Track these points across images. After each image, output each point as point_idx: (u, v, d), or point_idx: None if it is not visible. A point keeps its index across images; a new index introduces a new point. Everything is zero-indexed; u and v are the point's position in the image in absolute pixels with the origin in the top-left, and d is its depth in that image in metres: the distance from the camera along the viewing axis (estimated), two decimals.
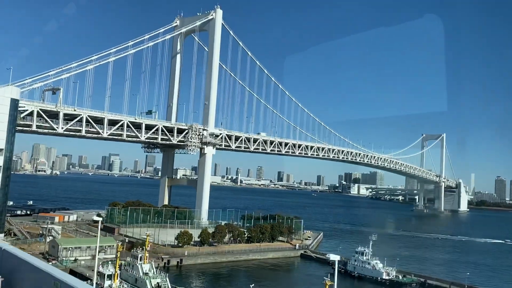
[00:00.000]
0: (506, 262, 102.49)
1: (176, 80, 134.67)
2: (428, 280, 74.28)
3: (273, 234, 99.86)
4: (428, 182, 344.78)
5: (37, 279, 11.40)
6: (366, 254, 77.95)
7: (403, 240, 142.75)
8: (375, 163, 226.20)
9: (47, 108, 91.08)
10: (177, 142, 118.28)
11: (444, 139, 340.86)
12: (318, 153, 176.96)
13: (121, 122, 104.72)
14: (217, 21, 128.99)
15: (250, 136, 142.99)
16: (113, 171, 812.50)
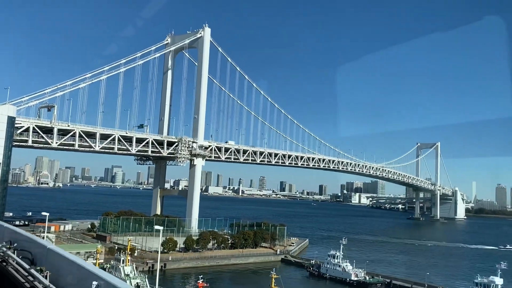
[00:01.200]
0: (478, 265, 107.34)
1: (167, 94, 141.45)
2: (394, 281, 79.77)
3: (256, 241, 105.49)
4: (424, 191, 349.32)
5: (79, 276, 12.55)
6: (337, 257, 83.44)
7: (388, 246, 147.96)
8: (366, 172, 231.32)
9: (42, 124, 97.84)
10: (167, 154, 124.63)
11: (439, 148, 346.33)
12: (308, 163, 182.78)
13: (112, 136, 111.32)
14: (206, 38, 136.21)
15: (240, 148, 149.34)
16: (115, 183, 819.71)
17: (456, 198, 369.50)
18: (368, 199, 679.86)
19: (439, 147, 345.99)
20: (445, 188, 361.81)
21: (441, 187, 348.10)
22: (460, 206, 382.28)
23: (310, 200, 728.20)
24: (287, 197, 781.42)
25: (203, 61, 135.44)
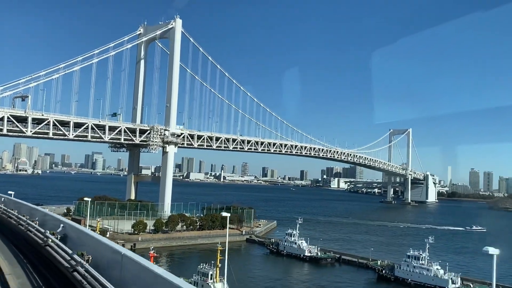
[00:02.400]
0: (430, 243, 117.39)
1: (140, 84, 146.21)
2: (343, 256, 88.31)
3: (223, 223, 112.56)
4: (396, 175, 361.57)
5: (113, 259, 13.18)
6: (294, 236, 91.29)
7: (353, 227, 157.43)
8: (338, 157, 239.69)
9: (16, 114, 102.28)
10: (140, 142, 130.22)
11: (410, 134, 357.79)
12: (281, 149, 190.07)
13: (86, 125, 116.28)
14: (177, 29, 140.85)
15: (212, 135, 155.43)
16: (96, 169, 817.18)
17: (427, 183, 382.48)
18: (346, 183, 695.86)
19: (410, 133, 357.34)
20: (417, 172, 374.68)
21: (412, 171, 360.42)
22: (431, 190, 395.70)
23: (290, 185, 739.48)
24: (268, 183, 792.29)
25: (174, 51, 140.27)
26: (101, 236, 16.66)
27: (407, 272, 70.93)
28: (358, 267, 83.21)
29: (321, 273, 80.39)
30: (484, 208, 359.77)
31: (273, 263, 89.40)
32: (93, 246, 15.99)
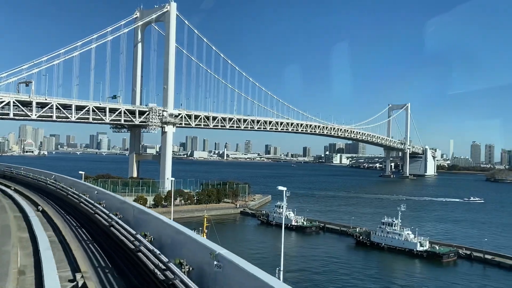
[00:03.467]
0: (418, 213, 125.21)
1: (138, 66, 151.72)
2: (327, 225, 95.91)
3: (219, 197, 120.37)
4: (395, 150, 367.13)
5: (173, 238, 14.12)
6: (282, 207, 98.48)
7: (342, 199, 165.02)
8: (335, 133, 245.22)
9: (21, 99, 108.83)
10: (140, 123, 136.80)
11: (409, 108, 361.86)
12: (277, 127, 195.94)
13: (87, 107, 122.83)
14: (172, 12, 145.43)
15: (209, 115, 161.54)
16: (101, 149, 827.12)
17: (426, 156, 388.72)
18: (348, 159, 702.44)
19: (409, 107, 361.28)
20: (415, 146, 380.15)
21: (411, 146, 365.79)
22: (430, 164, 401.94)
23: (294, 162, 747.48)
24: (271, 160, 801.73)
25: (170, 35, 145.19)
26: (163, 216, 17.70)
27: (381, 237, 78.17)
28: (340, 234, 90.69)
29: (306, 240, 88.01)
30: (481, 180, 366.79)
31: (263, 231, 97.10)
32: (155, 226, 17.27)
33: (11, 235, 19.62)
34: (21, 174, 60.21)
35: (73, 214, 28.80)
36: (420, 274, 65.93)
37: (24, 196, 37.10)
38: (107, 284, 13.87)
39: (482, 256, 70.05)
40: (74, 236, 21.68)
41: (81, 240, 20.60)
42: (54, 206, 32.61)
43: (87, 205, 26.54)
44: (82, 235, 22.33)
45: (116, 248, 17.75)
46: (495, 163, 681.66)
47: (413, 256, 72.45)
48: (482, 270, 67.55)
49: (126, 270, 15.42)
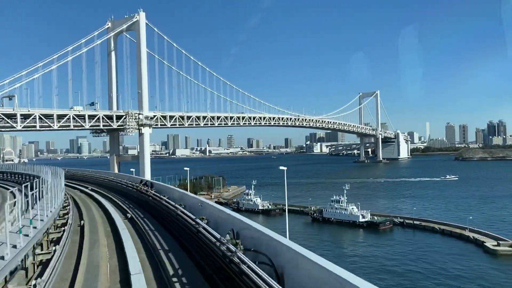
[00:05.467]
0: (382, 193, 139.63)
1: (113, 73, 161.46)
2: (289, 207, 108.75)
3: (195, 190, 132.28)
4: (367, 136, 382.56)
5: (225, 220, 16.42)
6: (250, 195, 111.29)
7: (311, 185, 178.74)
8: (307, 124, 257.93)
9: (6, 112, 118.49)
10: (118, 127, 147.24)
11: (378, 96, 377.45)
12: (250, 122, 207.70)
13: (68, 116, 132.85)
14: (141, 22, 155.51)
15: (183, 114, 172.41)
16: (82, 153, 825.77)
17: (398, 140, 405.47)
18: (328, 147, 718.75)
19: (378, 95, 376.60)
20: (388, 132, 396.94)
21: (382, 131, 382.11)
22: (403, 147, 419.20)
23: (276, 154, 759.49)
24: (253, 153, 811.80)
25: (141, 42, 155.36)
26: (216, 204, 20.01)
27: (331, 213, 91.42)
28: (300, 214, 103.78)
29: (270, 220, 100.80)
30: (451, 160, 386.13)
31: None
32: (211, 212, 19.43)
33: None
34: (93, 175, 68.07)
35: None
36: (361, 240, 79.43)
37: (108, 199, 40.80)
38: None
39: (412, 222, 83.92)
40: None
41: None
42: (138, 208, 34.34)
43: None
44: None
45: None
46: (470, 142, 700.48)
47: (356, 226, 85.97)
48: (411, 233, 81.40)
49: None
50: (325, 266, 9.00)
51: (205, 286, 14.43)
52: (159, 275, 15.84)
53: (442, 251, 67.08)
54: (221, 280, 13.61)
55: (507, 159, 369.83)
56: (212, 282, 14.33)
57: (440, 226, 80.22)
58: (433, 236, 78.50)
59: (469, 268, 58.45)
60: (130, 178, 50.27)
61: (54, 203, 21.99)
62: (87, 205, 37.32)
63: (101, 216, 30.72)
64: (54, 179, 25.45)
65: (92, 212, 32.93)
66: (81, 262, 17.13)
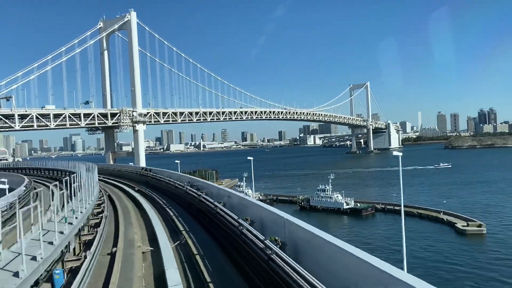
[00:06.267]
0: (371, 182, 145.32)
1: (107, 72, 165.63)
2: (279, 197, 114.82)
3: None
4: (358, 127, 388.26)
5: (256, 211, 17.35)
6: (242, 187, 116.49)
7: (300, 176, 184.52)
8: (298, 117, 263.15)
9: (4, 113, 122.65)
10: (112, 124, 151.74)
11: (369, 87, 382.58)
12: (242, 116, 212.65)
13: (63, 115, 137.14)
14: (133, 21, 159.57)
15: (176, 110, 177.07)
16: (76, 151, 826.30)
17: (389, 131, 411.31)
18: (321, 139, 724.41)
19: (368, 86, 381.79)
20: (378, 122, 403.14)
21: (373, 122, 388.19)
22: (394, 137, 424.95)
23: (270, 147, 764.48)
24: (247, 147, 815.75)
25: (132, 41, 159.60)
26: (260, 202, 19.69)
27: (317, 201, 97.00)
28: (289, 203, 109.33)
29: None
30: (440, 149, 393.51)
31: None
32: (254, 211, 18.99)
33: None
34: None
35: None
36: (345, 225, 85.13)
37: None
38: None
39: (392, 208, 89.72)
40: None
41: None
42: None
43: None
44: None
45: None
46: (461, 130, 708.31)
47: (340, 213, 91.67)
48: (392, 218, 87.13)
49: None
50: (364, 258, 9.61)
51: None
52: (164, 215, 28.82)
53: (418, 232, 72.82)
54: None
55: (495, 147, 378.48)
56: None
57: (418, 210, 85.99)
58: (412, 219, 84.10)
59: (440, 246, 64.30)
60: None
61: (91, 195, 25.01)
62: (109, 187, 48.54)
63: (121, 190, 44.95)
64: (89, 173, 27.86)
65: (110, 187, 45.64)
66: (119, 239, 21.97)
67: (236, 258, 16.69)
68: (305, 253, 13.02)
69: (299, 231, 13.61)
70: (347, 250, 10.13)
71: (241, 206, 21.52)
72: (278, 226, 15.62)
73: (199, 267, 16.72)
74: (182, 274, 15.48)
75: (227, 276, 15.45)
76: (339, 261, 10.53)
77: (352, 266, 9.83)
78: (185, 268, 16.82)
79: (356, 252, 9.87)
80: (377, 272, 8.64)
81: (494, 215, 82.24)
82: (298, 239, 13.65)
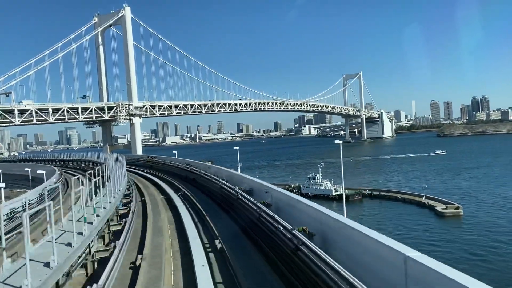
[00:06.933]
0: (362, 169, 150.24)
1: (102, 67, 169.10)
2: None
3: None
4: (352, 117, 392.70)
5: (287, 202, 17.43)
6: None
7: (295, 166, 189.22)
8: (291, 108, 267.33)
9: (5, 108, 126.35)
10: (109, 118, 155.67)
11: (361, 77, 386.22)
12: (236, 108, 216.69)
13: (62, 109, 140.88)
14: (127, 16, 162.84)
15: (171, 103, 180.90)
16: (72, 144, 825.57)
17: (382, 120, 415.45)
18: (316, 129, 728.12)
19: (361, 76, 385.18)
20: (371, 111, 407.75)
21: (366, 111, 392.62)
22: (387, 126, 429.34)
23: (265, 138, 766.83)
24: (243, 138, 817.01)
25: (127, 36, 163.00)
26: (278, 187, 20.25)
27: (308, 189, 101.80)
28: None
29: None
30: (433, 137, 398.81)
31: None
32: (274, 195, 19.84)
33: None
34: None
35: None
36: (333, 210, 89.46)
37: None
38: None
39: (378, 193, 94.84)
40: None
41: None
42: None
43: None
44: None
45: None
46: (455, 118, 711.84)
47: (329, 199, 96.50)
48: (378, 203, 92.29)
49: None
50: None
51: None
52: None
53: (400, 215, 77.96)
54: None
55: (486, 134, 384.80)
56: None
57: (402, 195, 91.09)
58: (396, 204, 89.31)
59: (419, 227, 69.37)
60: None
61: (120, 184, 26.35)
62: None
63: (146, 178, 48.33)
64: (117, 163, 29.01)
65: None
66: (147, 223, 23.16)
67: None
68: (335, 244, 12.73)
69: (329, 220, 13.31)
70: (384, 243, 9.58)
71: (261, 192, 23.04)
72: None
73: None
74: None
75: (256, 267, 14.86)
76: (374, 254, 10.05)
77: (390, 261, 9.20)
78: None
79: (398, 247, 9.20)
80: (434, 272, 7.69)
81: (472, 198, 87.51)
82: (327, 229, 13.41)
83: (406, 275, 8.67)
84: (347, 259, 11.01)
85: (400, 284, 8.79)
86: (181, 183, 39.62)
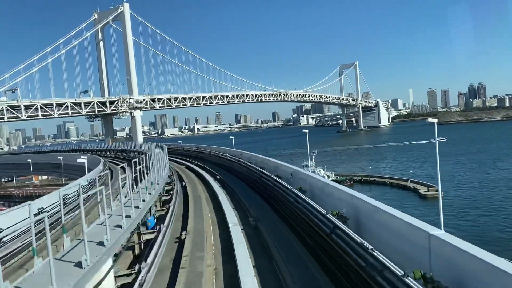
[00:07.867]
0: (357, 158, 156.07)
1: (103, 62, 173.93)
2: None
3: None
4: (348, 106, 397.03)
5: (323, 189, 17.46)
6: None
7: (292, 155, 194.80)
8: (288, 99, 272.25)
9: (12, 104, 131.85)
10: (111, 111, 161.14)
11: (357, 66, 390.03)
12: (233, 100, 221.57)
13: (65, 104, 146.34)
14: (126, 12, 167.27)
15: (170, 96, 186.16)
16: (70, 138, 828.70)
17: (378, 108, 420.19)
18: (313, 119, 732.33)
19: (357, 65, 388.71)
20: (368, 101, 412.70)
21: (363, 100, 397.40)
22: (383, 115, 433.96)
23: (263, 128, 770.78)
24: (242, 129, 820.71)
25: (126, 31, 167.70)
26: (313, 174, 21.78)
27: None
28: None
29: None
30: (429, 125, 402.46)
31: None
32: (308, 180, 20.89)
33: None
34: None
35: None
36: None
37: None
38: None
39: (368, 178, 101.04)
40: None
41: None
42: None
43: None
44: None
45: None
46: (452, 106, 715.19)
47: None
48: (367, 187, 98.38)
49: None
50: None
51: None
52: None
53: (386, 198, 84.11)
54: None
55: (481, 121, 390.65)
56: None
57: (389, 180, 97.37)
58: (384, 188, 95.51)
59: (404, 207, 75.70)
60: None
61: (163, 171, 28.23)
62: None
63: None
64: (159, 153, 30.32)
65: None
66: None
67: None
68: (367, 227, 13.33)
69: (362, 204, 13.91)
70: (411, 223, 10.06)
71: (296, 178, 24.19)
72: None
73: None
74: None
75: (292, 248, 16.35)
76: (402, 234, 10.50)
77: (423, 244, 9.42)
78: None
79: (424, 226, 9.73)
80: (481, 262, 7.77)
81: (453, 181, 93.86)
82: (360, 213, 13.98)
83: (430, 252, 9.29)
84: (378, 242, 11.41)
85: (425, 261, 9.44)
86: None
